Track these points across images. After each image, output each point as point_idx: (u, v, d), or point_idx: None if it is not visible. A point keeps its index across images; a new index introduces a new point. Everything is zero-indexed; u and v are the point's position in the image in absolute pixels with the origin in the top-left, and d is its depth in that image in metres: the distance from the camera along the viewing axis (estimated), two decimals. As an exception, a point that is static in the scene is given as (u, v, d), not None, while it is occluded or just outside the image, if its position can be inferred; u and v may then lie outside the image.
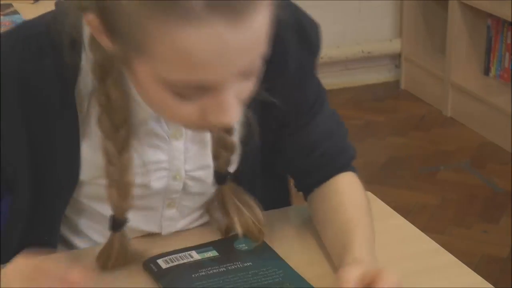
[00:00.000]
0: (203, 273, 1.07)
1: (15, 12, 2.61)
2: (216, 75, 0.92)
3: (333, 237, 1.21)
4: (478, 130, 3.38)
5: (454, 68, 3.52)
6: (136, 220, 1.16)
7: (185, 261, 1.09)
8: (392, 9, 3.94)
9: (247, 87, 0.99)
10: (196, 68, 0.90)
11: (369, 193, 1.26)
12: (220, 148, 1.18)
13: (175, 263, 1.09)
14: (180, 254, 1.11)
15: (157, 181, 1.15)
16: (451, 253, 1.10)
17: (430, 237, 1.15)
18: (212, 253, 1.12)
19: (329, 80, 1.56)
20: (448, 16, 3.53)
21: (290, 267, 1.09)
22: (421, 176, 3.07)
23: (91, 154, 1.10)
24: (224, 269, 1.08)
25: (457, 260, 1.09)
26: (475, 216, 2.78)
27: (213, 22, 0.87)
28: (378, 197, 1.38)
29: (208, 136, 1.19)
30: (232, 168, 1.22)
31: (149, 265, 1.08)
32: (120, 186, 1.09)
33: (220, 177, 1.20)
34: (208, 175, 1.21)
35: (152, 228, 1.19)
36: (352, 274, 0.99)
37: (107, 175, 1.10)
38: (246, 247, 1.14)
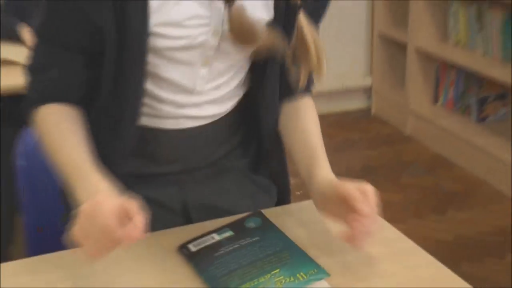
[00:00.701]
0: (222, 251, 1.11)
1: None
2: None
3: (301, 147, 1.27)
4: (430, 146, 3.48)
5: (411, 98, 3.62)
6: (176, 73, 1.16)
7: (208, 243, 1.13)
8: (365, 54, 4.04)
9: None
10: None
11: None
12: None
13: (202, 246, 1.12)
14: (204, 238, 1.14)
15: (199, 36, 1.13)
16: (410, 238, 1.17)
17: (394, 226, 1.22)
18: (228, 233, 1.15)
19: (318, 107, 1.66)
20: (407, 60, 3.64)
21: (288, 238, 1.14)
22: (388, 180, 3.13)
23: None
24: (238, 245, 1.12)
25: (415, 244, 1.15)
26: (428, 210, 2.88)
27: None
28: None
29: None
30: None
31: (182, 250, 1.13)
32: None
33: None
34: None
35: (187, 83, 1.17)
36: (351, 186, 1.09)
37: None
38: (254, 225, 1.18)
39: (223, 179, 1.34)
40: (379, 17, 3.84)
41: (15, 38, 2.46)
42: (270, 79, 1.24)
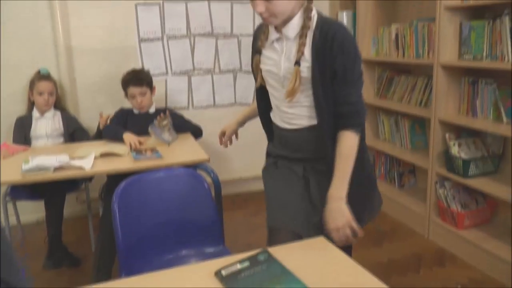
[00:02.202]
0: (243, 275, 1.09)
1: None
2: None
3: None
4: (391, 214, 3.46)
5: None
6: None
7: (233, 270, 1.12)
8: None
9: (269, 4, 1.33)
10: None
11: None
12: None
13: (229, 272, 1.11)
14: (231, 266, 1.13)
15: (267, 67, 1.46)
16: (358, 263, 1.12)
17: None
18: (246, 264, 1.14)
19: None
20: None
21: (285, 268, 1.10)
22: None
23: None
24: (253, 271, 1.11)
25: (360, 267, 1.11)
26: (370, 243, 2.83)
27: None
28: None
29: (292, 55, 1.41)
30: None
31: (217, 274, 1.11)
32: None
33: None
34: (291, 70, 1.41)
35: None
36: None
37: None
38: (263, 258, 1.16)
39: (318, 171, 1.47)
40: None
41: (118, 139, 2.60)
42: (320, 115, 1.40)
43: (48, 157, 2.23)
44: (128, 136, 2.58)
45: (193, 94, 3.59)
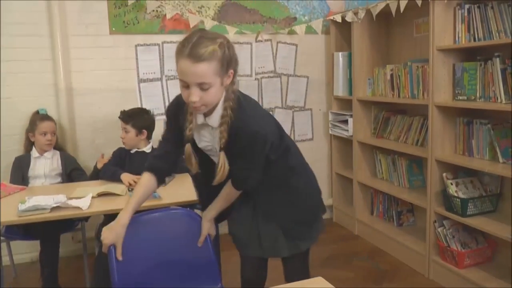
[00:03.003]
0: None
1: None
2: (188, 80, 1.38)
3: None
4: (370, 241, 3.50)
5: (357, 211, 3.66)
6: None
7: None
8: (327, 185, 4.02)
9: (204, 94, 1.41)
10: (182, 75, 1.39)
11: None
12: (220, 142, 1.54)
13: None
14: None
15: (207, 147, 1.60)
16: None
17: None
18: None
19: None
20: (353, 189, 3.67)
21: None
22: (344, 264, 3.11)
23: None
24: None
25: None
26: (371, 282, 2.82)
27: (187, 59, 1.34)
28: (328, 274, 1.67)
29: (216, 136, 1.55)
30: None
31: None
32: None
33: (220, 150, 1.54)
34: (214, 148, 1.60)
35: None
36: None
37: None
38: None
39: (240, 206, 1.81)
40: (335, 161, 3.94)
41: (116, 180, 2.60)
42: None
43: (45, 197, 2.23)
44: (126, 176, 2.60)
45: (191, 133, 3.61)
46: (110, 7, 3.29)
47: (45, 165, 2.91)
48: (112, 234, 1.58)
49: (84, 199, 2.26)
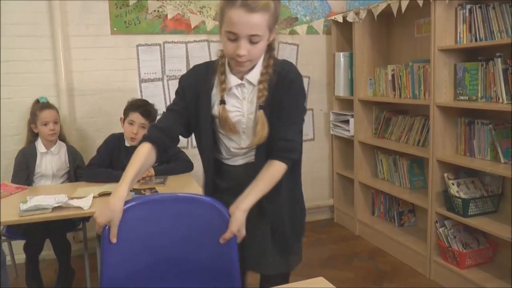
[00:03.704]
0: None
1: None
2: (239, 31, 1.28)
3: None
4: (371, 242, 3.51)
5: (358, 212, 3.67)
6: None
7: None
8: (329, 185, 4.05)
9: (252, 47, 1.32)
10: (232, 27, 1.29)
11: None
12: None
13: None
14: None
15: (235, 117, 1.43)
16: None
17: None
18: None
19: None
20: (354, 188, 3.69)
21: None
22: (345, 264, 3.12)
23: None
24: None
25: None
26: (370, 283, 2.84)
27: (241, 9, 1.26)
28: (328, 274, 1.61)
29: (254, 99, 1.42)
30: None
31: None
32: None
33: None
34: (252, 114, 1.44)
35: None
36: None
37: None
38: None
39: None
40: (336, 162, 3.95)
41: (112, 181, 2.45)
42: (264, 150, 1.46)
43: (47, 197, 2.23)
44: None
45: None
46: (111, 7, 3.30)
47: (52, 162, 2.81)
48: (107, 210, 1.27)
49: (85, 199, 2.25)
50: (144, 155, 1.42)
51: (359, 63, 3.52)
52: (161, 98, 3.50)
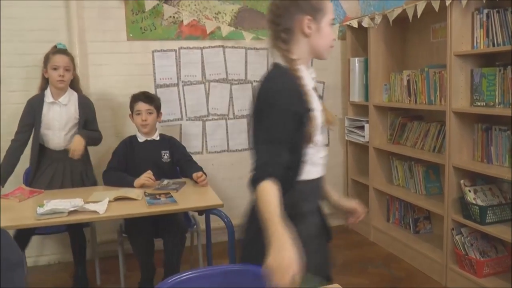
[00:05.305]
0: None
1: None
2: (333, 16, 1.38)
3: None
4: (385, 248, 3.49)
5: (373, 218, 3.66)
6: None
7: None
8: (343, 192, 3.97)
9: None
10: (332, 13, 1.36)
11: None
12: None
13: None
14: None
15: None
16: None
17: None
18: None
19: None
20: (369, 195, 3.65)
21: None
22: (359, 270, 3.11)
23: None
24: None
25: None
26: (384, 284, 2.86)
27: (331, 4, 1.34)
28: (342, 280, 1.45)
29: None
30: None
31: None
32: None
33: None
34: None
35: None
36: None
37: None
38: None
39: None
40: (351, 167, 3.94)
41: (127, 186, 2.52)
42: None
43: (63, 201, 2.26)
44: (139, 181, 2.59)
45: (207, 139, 3.64)
46: (127, 13, 3.34)
47: (60, 114, 2.62)
48: (294, 257, 1.12)
49: (101, 203, 2.27)
50: (276, 194, 1.23)
51: (374, 68, 3.52)
52: (176, 104, 3.53)
